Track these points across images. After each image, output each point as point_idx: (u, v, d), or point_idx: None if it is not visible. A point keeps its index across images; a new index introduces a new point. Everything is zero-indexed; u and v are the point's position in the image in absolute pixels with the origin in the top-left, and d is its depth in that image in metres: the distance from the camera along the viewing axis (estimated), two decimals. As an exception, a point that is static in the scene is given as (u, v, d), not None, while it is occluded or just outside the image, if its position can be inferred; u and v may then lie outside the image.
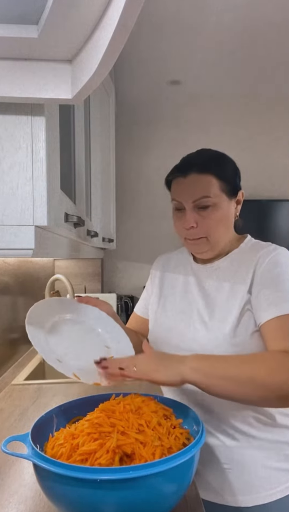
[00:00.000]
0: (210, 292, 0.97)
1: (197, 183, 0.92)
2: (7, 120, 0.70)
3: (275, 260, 0.89)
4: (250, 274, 0.91)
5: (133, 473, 0.60)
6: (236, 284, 0.92)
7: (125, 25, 0.48)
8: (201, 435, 0.71)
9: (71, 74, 0.64)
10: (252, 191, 3.27)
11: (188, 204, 0.92)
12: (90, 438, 0.69)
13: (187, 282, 1.03)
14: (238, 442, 0.92)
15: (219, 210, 0.93)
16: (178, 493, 0.68)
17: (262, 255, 0.91)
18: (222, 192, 0.93)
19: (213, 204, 0.92)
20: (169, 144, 3.26)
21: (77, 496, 0.61)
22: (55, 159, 0.82)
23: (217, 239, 0.94)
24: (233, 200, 0.97)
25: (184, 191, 0.93)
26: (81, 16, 0.52)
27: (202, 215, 0.92)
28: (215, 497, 0.94)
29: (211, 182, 0.92)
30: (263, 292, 0.87)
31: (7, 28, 0.57)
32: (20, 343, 1.88)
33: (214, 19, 2.12)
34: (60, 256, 1.07)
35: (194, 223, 0.92)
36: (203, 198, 0.91)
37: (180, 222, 0.96)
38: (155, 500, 0.64)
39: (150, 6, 1.95)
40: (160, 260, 1.16)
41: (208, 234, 0.93)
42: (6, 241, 0.71)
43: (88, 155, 1.74)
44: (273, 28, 2.23)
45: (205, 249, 0.96)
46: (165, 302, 1.06)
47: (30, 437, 0.71)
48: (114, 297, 2.13)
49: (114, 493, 0.61)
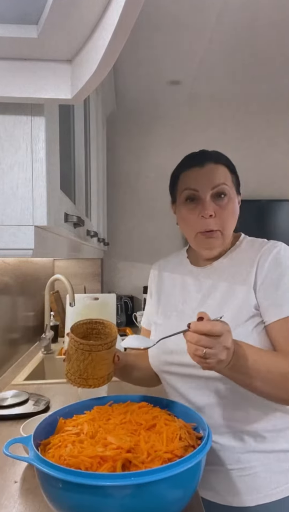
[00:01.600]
0: (210, 293, 0.97)
1: (215, 171, 0.93)
2: (7, 120, 0.70)
3: (278, 257, 0.90)
4: (252, 273, 0.91)
5: (136, 480, 0.59)
6: (236, 284, 0.92)
7: (125, 25, 0.48)
8: (207, 440, 0.71)
9: (71, 74, 0.64)
10: (252, 191, 3.27)
11: (206, 192, 0.92)
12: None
13: (185, 284, 1.02)
14: (243, 444, 0.91)
15: (233, 202, 0.95)
16: (183, 500, 0.67)
17: (264, 253, 0.91)
18: (233, 185, 0.96)
19: (228, 194, 0.94)
20: (169, 144, 3.26)
21: (79, 501, 0.61)
22: (55, 159, 0.82)
23: (228, 234, 0.95)
24: (239, 197, 0.99)
25: (202, 179, 0.93)
26: (81, 16, 0.52)
27: (219, 204, 0.92)
28: (215, 496, 0.93)
29: (226, 173, 0.95)
30: (270, 292, 0.88)
31: (7, 28, 0.57)
32: (20, 343, 1.88)
33: (214, 19, 2.12)
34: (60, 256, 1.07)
35: (213, 211, 0.91)
36: (222, 185, 0.92)
37: (193, 213, 0.93)
38: (160, 506, 0.63)
39: (149, 6, 1.94)
40: (156, 268, 1.14)
41: (223, 227, 0.93)
42: (6, 241, 0.70)
43: (88, 155, 1.74)
44: (273, 28, 2.23)
45: (217, 243, 0.95)
46: (164, 310, 1.04)
47: (33, 440, 0.71)
48: (114, 297, 2.12)
49: (117, 499, 0.60)
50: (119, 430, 0.73)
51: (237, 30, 2.25)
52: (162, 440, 0.70)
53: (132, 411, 0.81)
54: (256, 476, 0.91)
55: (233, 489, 0.91)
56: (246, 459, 0.91)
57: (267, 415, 0.92)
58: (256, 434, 0.91)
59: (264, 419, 0.91)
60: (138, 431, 0.73)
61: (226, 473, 0.92)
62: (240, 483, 0.91)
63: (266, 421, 0.91)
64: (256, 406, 0.90)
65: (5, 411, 1.19)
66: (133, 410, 0.81)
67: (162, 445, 0.69)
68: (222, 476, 0.92)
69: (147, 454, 0.66)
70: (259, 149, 3.33)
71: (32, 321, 2.09)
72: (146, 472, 0.61)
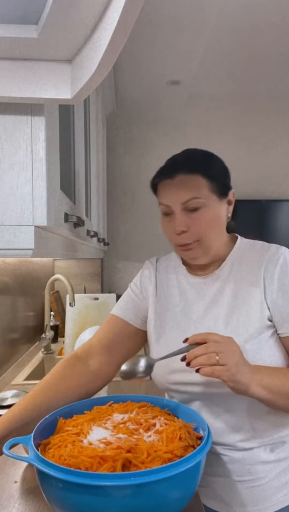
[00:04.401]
0: (215, 302, 0.92)
1: (185, 184, 0.87)
2: (7, 120, 0.70)
3: (285, 264, 0.87)
4: (260, 280, 0.88)
5: (136, 480, 0.59)
6: (244, 290, 0.89)
7: (125, 25, 0.48)
8: (207, 440, 0.70)
9: (71, 74, 0.64)
10: (252, 191, 3.27)
11: (177, 207, 0.87)
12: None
13: (186, 299, 0.96)
14: (253, 455, 0.89)
15: (210, 211, 0.88)
16: (182, 500, 0.67)
17: (270, 260, 0.89)
18: (211, 193, 0.88)
19: (203, 205, 0.87)
20: (169, 144, 3.26)
21: (79, 501, 0.61)
22: (55, 159, 0.82)
23: (210, 243, 0.89)
24: (224, 200, 0.92)
25: (172, 194, 0.88)
26: (81, 16, 0.52)
27: (192, 217, 0.87)
28: (223, 507, 0.91)
29: (200, 183, 0.87)
30: (286, 302, 0.86)
31: (7, 28, 0.57)
32: (20, 343, 1.88)
33: (214, 19, 2.12)
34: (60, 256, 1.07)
35: (185, 227, 0.87)
36: (192, 200, 0.86)
37: (169, 227, 0.90)
38: (160, 506, 0.63)
39: (149, 6, 1.94)
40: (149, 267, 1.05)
41: (200, 238, 0.88)
42: (6, 241, 0.70)
43: (88, 155, 1.74)
44: (273, 28, 2.23)
45: (198, 254, 0.90)
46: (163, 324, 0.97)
47: (33, 440, 0.71)
48: (114, 297, 2.12)
49: (117, 499, 0.60)
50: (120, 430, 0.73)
51: (237, 30, 2.25)
52: (162, 440, 0.70)
53: (132, 411, 0.81)
54: (266, 487, 0.89)
55: (241, 500, 0.89)
56: (256, 470, 0.89)
57: (278, 426, 0.90)
58: (267, 445, 0.89)
59: (275, 430, 0.90)
60: (138, 431, 0.73)
61: (234, 484, 0.90)
62: (248, 494, 0.89)
63: (277, 432, 0.90)
64: (266, 418, 0.88)
65: (5, 411, 1.19)
66: (133, 410, 0.81)
67: (162, 445, 0.69)
68: (230, 487, 0.90)
69: (147, 454, 0.66)
70: (259, 149, 3.33)
71: (32, 321, 2.09)
72: (146, 472, 0.60)
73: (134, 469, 0.64)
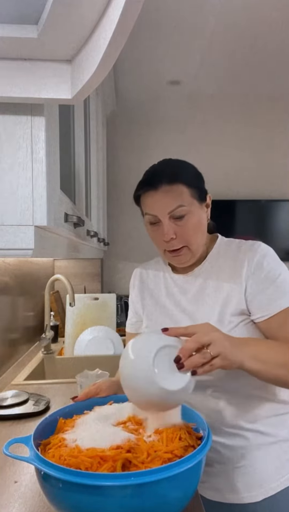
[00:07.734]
0: (194, 300, 0.98)
1: (169, 193, 0.92)
2: (7, 120, 0.70)
3: (262, 257, 0.92)
4: (239, 273, 0.92)
5: (136, 480, 0.59)
6: (221, 285, 0.94)
7: (125, 25, 0.48)
8: (207, 440, 0.71)
9: (71, 74, 0.64)
10: (252, 191, 3.27)
11: (164, 216, 0.93)
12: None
13: (172, 295, 1.03)
14: (248, 442, 0.92)
15: (194, 217, 0.94)
16: (183, 500, 0.67)
17: (247, 253, 0.94)
18: (193, 199, 0.94)
19: (188, 212, 0.93)
20: (169, 144, 3.26)
21: (79, 501, 0.60)
22: (55, 159, 0.82)
23: (197, 246, 0.96)
24: (203, 204, 0.98)
25: (158, 204, 0.93)
26: (81, 16, 0.52)
27: (179, 224, 0.93)
28: (216, 495, 0.94)
29: (182, 191, 0.93)
30: (261, 290, 0.90)
31: (7, 28, 0.57)
32: (20, 343, 1.88)
33: (213, 19, 2.12)
34: (59, 256, 1.07)
35: (173, 234, 0.92)
36: (178, 208, 0.92)
37: (157, 235, 0.96)
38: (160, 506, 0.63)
39: (149, 6, 1.95)
40: (136, 275, 1.14)
41: (188, 243, 0.94)
42: (6, 241, 0.70)
43: (88, 155, 1.74)
44: (273, 28, 2.23)
45: (187, 258, 0.96)
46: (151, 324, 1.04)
47: (33, 440, 0.71)
48: (114, 297, 2.12)
49: (117, 499, 0.60)
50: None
51: (237, 30, 2.25)
52: (162, 440, 0.70)
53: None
54: (258, 471, 0.92)
55: (237, 487, 0.92)
56: (249, 455, 0.92)
57: (270, 411, 0.93)
58: (259, 431, 0.93)
59: (267, 415, 0.93)
60: (138, 431, 0.73)
61: (227, 471, 0.93)
62: (243, 480, 0.92)
63: (267, 411, 0.93)
64: (257, 401, 0.92)
65: (5, 411, 1.19)
66: None
67: (162, 445, 0.69)
68: (225, 474, 0.93)
69: (147, 454, 0.66)
70: (259, 149, 3.33)
71: (32, 321, 2.09)
72: (146, 472, 0.60)
73: (134, 469, 0.64)
